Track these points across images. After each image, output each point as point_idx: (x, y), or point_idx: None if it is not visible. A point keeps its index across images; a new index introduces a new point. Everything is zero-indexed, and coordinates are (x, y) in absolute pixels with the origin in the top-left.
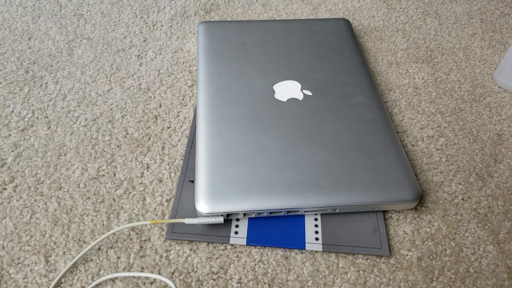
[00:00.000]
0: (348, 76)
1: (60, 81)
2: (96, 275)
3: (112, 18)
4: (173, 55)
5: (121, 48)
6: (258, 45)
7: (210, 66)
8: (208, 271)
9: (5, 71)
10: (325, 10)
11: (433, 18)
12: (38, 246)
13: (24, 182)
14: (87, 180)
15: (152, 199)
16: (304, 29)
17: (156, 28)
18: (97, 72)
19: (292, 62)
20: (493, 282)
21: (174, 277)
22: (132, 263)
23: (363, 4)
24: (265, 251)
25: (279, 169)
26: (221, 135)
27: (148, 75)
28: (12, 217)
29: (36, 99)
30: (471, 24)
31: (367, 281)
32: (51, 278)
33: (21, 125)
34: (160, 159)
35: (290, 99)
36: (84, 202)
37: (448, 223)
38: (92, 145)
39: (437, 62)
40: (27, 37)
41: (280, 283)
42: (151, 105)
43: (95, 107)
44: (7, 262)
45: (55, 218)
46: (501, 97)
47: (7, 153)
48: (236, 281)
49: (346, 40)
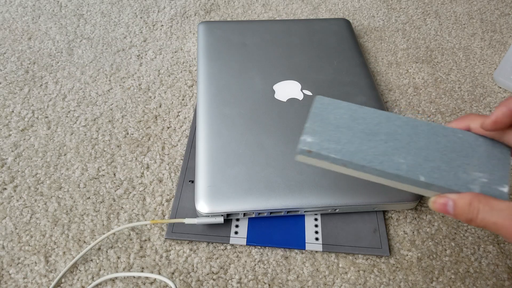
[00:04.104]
0: (348, 76)
1: (60, 81)
2: (96, 275)
3: (112, 18)
4: (173, 55)
5: (121, 48)
6: (258, 45)
7: (210, 66)
8: (208, 271)
9: (5, 71)
10: (325, 10)
11: (433, 18)
12: (38, 246)
13: (24, 182)
14: (87, 180)
15: (152, 199)
16: (304, 29)
17: (156, 28)
18: (97, 72)
19: (292, 62)
20: (493, 282)
21: (174, 277)
22: (132, 263)
23: (363, 4)
24: (265, 251)
25: (279, 169)
26: (221, 135)
27: (148, 75)
28: (12, 217)
29: (36, 99)
30: (471, 24)
31: (367, 281)
32: (51, 278)
33: (21, 125)
34: (160, 159)
35: (290, 99)
36: (84, 202)
37: (448, 223)
38: (92, 145)
39: (437, 62)
40: (27, 37)
41: (280, 283)
42: (151, 105)
43: (95, 107)
44: (7, 262)
45: (55, 218)
46: (501, 97)
47: (7, 153)
48: (236, 281)
49: (346, 40)
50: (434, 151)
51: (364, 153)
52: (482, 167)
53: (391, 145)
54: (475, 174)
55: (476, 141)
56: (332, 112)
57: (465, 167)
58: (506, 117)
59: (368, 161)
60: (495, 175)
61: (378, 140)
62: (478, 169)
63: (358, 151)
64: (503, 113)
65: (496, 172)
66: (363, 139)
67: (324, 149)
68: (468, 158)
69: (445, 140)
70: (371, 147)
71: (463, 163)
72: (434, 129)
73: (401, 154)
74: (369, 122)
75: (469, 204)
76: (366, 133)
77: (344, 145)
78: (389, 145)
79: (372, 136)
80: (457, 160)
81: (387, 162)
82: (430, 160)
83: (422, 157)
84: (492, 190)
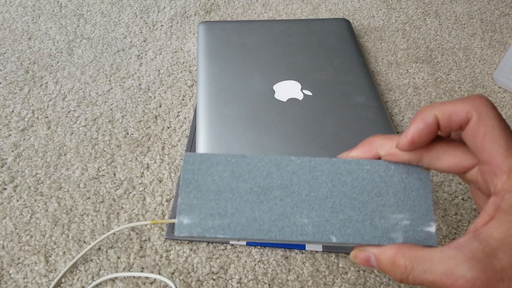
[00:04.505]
0: (348, 76)
1: (60, 81)
2: (96, 275)
3: (112, 18)
4: (173, 55)
5: (121, 48)
6: (258, 45)
7: (210, 66)
8: (208, 271)
9: (5, 71)
10: (325, 10)
11: (433, 18)
12: (38, 246)
13: (24, 182)
14: (87, 180)
15: (152, 199)
16: (304, 29)
17: (156, 28)
18: (97, 72)
19: (292, 62)
20: None
21: (174, 277)
22: (132, 263)
23: (363, 4)
24: (265, 251)
25: None
26: (221, 135)
27: (148, 75)
28: (12, 217)
29: (36, 99)
30: (471, 24)
31: (367, 281)
32: (51, 278)
33: (21, 125)
34: (160, 159)
35: (290, 99)
36: (84, 202)
37: (448, 223)
38: (92, 145)
39: (437, 62)
40: (27, 37)
41: (280, 283)
42: (151, 105)
43: (95, 107)
44: (7, 262)
45: (55, 218)
46: (501, 97)
47: (7, 153)
48: (236, 281)
49: (346, 40)
50: (341, 196)
51: (258, 223)
52: (401, 205)
53: (288, 202)
54: (394, 216)
55: (387, 171)
56: (208, 172)
57: (381, 210)
58: (423, 135)
59: (266, 232)
60: (417, 211)
61: (272, 198)
62: (397, 209)
63: (250, 222)
64: (420, 130)
65: (418, 207)
66: (253, 203)
67: (207, 230)
68: (383, 197)
69: (351, 178)
70: (265, 212)
71: (378, 205)
72: (334, 166)
73: (303, 212)
74: (256, 176)
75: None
76: (256, 192)
77: (232, 217)
78: (286, 203)
79: (263, 195)
80: (370, 203)
81: (289, 228)
82: (338, 210)
83: (328, 210)
84: (417, 233)
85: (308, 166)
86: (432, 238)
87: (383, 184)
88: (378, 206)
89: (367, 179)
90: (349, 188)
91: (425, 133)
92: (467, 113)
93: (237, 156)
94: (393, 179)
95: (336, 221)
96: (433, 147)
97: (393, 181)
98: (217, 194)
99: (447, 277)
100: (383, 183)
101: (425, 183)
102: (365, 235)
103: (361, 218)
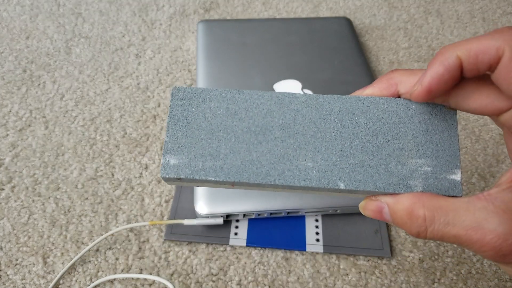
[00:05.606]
0: (349, 75)
1: (58, 80)
2: (94, 276)
3: (110, 17)
4: (172, 54)
5: (119, 47)
6: (258, 44)
7: (209, 65)
8: (207, 272)
9: (2, 71)
10: (325, 9)
11: (435, 17)
12: (36, 247)
13: (22, 182)
14: (85, 180)
15: (150, 200)
16: (305, 28)
17: (155, 27)
18: (95, 71)
19: (293, 61)
20: (495, 283)
21: (173, 279)
22: (130, 265)
23: (364, 2)
24: (265, 252)
25: None
26: None
27: (146, 74)
28: (10, 217)
29: (34, 98)
30: (473, 23)
31: (368, 283)
32: (49, 279)
33: (18, 125)
34: (159, 160)
35: None
36: (82, 203)
37: None
38: (90, 145)
39: None
40: (25, 36)
41: (280, 284)
42: (150, 105)
43: (93, 107)
44: (5, 263)
45: (53, 219)
46: None
47: (4, 153)
48: (235, 282)
49: (347, 39)
50: (352, 139)
51: (255, 165)
52: (422, 149)
53: (291, 143)
54: (413, 162)
55: (407, 111)
56: (199, 109)
57: (398, 154)
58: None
59: (264, 176)
60: (441, 157)
61: (272, 139)
62: (417, 154)
63: (246, 164)
64: (439, 76)
65: (442, 151)
66: (250, 143)
67: (197, 171)
68: (401, 140)
69: (364, 118)
70: (263, 154)
71: (395, 149)
72: (346, 105)
73: (308, 155)
74: (254, 113)
75: (409, 213)
76: (254, 132)
77: (226, 159)
78: (289, 144)
79: (262, 136)
80: (386, 147)
81: (290, 172)
82: (348, 154)
83: (336, 153)
84: (439, 181)
85: (315, 103)
86: (457, 187)
87: (401, 125)
88: (394, 150)
89: (383, 120)
90: (362, 129)
91: (445, 79)
92: (497, 49)
93: (233, 91)
94: (413, 120)
95: (345, 166)
96: (461, 84)
97: (414, 122)
98: (209, 133)
99: (474, 231)
100: (401, 124)
101: (451, 125)
102: (379, 181)
103: (375, 163)
